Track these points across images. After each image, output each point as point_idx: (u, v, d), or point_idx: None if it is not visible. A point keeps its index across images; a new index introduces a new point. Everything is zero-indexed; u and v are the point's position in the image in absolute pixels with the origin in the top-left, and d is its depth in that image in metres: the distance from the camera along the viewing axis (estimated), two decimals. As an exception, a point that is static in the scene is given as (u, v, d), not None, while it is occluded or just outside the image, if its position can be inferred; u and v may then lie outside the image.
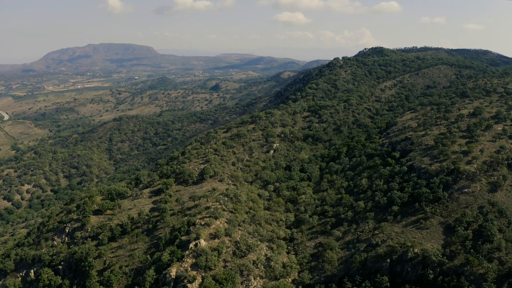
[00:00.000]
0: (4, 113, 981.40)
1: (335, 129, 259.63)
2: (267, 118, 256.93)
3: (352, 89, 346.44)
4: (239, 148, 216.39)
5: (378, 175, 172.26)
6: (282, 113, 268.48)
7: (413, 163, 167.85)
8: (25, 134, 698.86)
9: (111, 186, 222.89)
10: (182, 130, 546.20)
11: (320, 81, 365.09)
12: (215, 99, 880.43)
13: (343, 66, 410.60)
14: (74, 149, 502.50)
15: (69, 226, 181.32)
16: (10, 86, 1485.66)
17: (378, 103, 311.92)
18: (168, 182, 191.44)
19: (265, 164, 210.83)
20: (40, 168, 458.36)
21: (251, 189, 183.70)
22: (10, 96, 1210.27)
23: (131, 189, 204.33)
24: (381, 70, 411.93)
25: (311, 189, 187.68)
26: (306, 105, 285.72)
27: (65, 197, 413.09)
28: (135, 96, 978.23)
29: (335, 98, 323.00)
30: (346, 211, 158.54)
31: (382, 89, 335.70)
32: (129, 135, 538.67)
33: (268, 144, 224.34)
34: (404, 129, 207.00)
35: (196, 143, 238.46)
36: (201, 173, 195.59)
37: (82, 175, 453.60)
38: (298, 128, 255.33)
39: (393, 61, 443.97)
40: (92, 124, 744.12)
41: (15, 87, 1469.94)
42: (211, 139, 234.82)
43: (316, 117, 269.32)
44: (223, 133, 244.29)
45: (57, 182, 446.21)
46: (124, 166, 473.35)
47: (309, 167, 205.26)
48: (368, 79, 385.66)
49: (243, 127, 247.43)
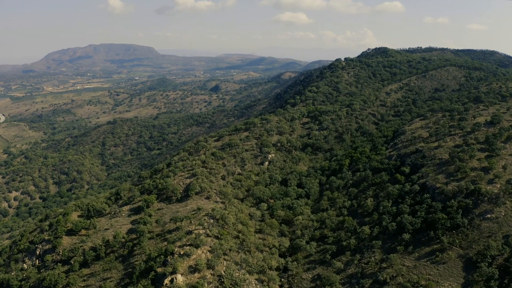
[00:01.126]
0: (0, 114, 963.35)
1: (336, 137, 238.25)
2: (263, 125, 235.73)
3: (355, 93, 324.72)
4: (230, 159, 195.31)
5: (385, 195, 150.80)
6: (279, 120, 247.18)
7: (426, 181, 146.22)
8: (19, 137, 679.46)
9: (90, 201, 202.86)
10: (178, 133, 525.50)
11: (320, 83, 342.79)
12: (215, 101, 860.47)
13: (346, 68, 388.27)
14: (65, 153, 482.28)
15: (40, 247, 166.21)
16: (9, 86, 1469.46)
17: (383, 107, 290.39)
18: (149, 200, 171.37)
19: (259, 177, 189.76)
20: (29, 174, 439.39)
21: (241, 208, 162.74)
22: (9, 97, 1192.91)
23: (110, 206, 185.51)
24: (386, 72, 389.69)
25: (309, 208, 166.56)
26: (305, 111, 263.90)
27: (53, 205, 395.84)
28: (133, 97, 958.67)
29: (336, 103, 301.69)
30: (348, 237, 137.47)
31: (388, 93, 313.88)
32: (123, 139, 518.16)
33: (263, 155, 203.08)
34: (413, 139, 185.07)
35: (184, 153, 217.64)
36: (186, 189, 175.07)
37: (72, 181, 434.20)
38: (296, 136, 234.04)
39: (398, 62, 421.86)
40: (88, 127, 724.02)
41: (14, 87, 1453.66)
42: (201, 149, 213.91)
43: (316, 124, 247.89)
44: (213, 142, 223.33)
45: (46, 189, 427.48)
46: (117, 172, 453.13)
47: (307, 181, 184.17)
48: (372, 82, 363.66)
49: (235, 135, 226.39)
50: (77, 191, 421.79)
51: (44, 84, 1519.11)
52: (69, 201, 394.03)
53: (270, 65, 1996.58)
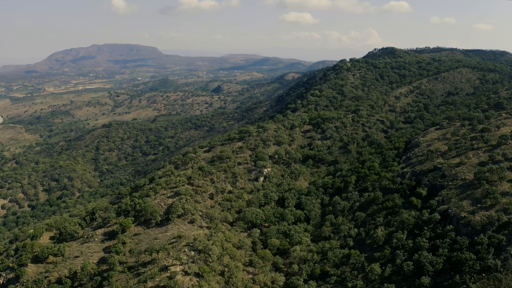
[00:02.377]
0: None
1: (341, 147, 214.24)
2: (259, 134, 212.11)
3: (361, 96, 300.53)
4: (220, 175, 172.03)
5: (399, 223, 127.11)
6: (277, 127, 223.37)
7: (448, 209, 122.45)
8: (14, 140, 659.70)
9: (63, 221, 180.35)
10: (175, 138, 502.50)
11: (324, 86, 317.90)
12: (216, 102, 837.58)
13: (351, 69, 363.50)
14: (57, 159, 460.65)
15: (3, 276, 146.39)
16: (10, 87, 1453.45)
17: (393, 113, 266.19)
18: (125, 223, 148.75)
19: (252, 196, 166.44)
20: (18, 181, 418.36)
21: (229, 236, 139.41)
22: (8, 98, 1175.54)
23: (84, 228, 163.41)
24: (394, 73, 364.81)
25: (308, 235, 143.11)
26: (307, 117, 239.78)
27: (42, 214, 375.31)
28: (133, 98, 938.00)
29: (341, 108, 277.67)
30: (355, 277, 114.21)
31: (397, 97, 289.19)
32: (118, 143, 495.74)
33: (258, 169, 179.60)
34: (430, 154, 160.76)
35: (170, 166, 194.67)
36: (168, 211, 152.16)
37: (63, 188, 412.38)
38: (296, 147, 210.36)
39: (407, 63, 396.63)
40: (86, 129, 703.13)
41: (15, 88, 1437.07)
42: (189, 161, 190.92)
43: (319, 132, 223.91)
44: (203, 153, 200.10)
45: (36, 197, 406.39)
46: (110, 178, 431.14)
47: (307, 201, 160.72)
48: (379, 84, 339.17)
49: (228, 146, 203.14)
50: (67, 199, 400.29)
51: (46, 85, 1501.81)
52: (57, 210, 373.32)
53: (274, 65, 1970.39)
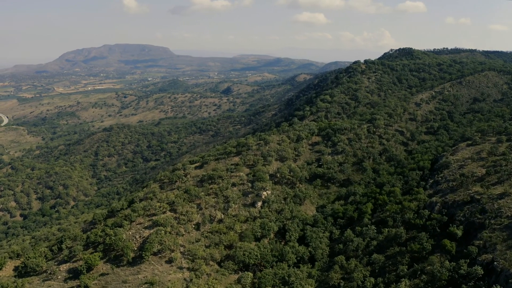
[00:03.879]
0: (4, 116, 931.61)
1: (355, 164, 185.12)
2: (259, 148, 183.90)
3: (377, 103, 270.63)
4: (210, 200, 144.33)
5: (428, 276, 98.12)
6: (280, 139, 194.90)
7: (494, 260, 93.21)
8: (15, 143, 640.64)
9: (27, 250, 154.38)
10: (178, 143, 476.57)
11: (336, 91, 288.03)
12: (224, 104, 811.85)
13: (366, 72, 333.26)
14: (53, 164, 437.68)
15: None
16: (20, 87, 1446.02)
17: (413, 122, 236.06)
18: (91, 260, 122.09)
19: (247, 226, 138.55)
20: (11, 188, 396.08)
21: (214, 282, 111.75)
22: (16, 98, 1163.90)
23: (49, 260, 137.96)
24: (413, 77, 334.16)
25: (313, 282, 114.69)
26: (315, 127, 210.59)
27: (33, 225, 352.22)
28: (140, 100, 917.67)
29: (355, 116, 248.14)
30: None
31: (418, 103, 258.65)
32: (118, 148, 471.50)
33: (255, 192, 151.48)
34: (464, 179, 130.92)
35: (155, 185, 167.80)
36: (142, 246, 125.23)
37: (57, 197, 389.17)
38: (302, 163, 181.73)
39: (427, 65, 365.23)
40: (90, 131, 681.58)
41: (24, 88, 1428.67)
42: (176, 179, 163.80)
43: (329, 146, 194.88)
44: (194, 170, 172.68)
45: (29, 205, 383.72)
46: (107, 186, 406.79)
47: (313, 235, 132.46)
48: (397, 89, 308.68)
49: (223, 162, 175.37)
50: (61, 209, 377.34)
51: (55, 85, 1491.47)
52: (49, 221, 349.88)
53: (286, 66, 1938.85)
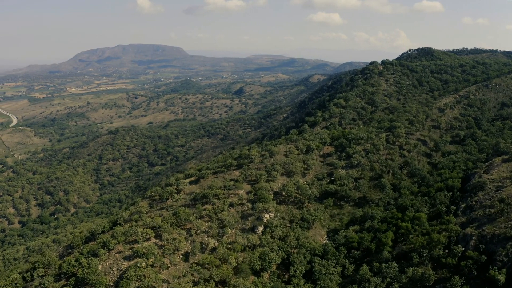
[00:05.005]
0: (14, 117, 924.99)
1: (372, 179, 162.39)
2: (263, 161, 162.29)
3: (396, 107, 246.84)
4: (202, 224, 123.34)
5: None
6: (288, 150, 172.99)
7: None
8: (22, 144, 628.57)
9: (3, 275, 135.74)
10: (186, 146, 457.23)
11: (350, 94, 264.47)
12: (236, 106, 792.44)
13: (383, 73, 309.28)
14: (55, 169, 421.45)
15: None
16: (32, 87, 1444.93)
17: (437, 130, 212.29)
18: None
19: (244, 256, 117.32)
20: (9, 193, 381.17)
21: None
22: (27, 98, 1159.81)
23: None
24: (435, 79, 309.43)
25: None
26: (328, 136, 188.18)
27: (30, 233, 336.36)
28: (151, 101, 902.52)
29: (372, 122, 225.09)
30: None
31: (441, 109, 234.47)
32: (123, 152, 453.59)
33: (256, 215, 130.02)
34: (504, 206, 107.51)
35: (143, 202, 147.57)
36: (118, 281, 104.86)
37: (57, 203, 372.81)
38: (311, 178, 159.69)
39: (449, 66, 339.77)
40: (99, 132, 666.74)
41: (37, 88, 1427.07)
42: (168, 197, 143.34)
43: (343, 158, 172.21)
44: (189, 185, 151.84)
45: (27, 212, 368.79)
46: (109, 193, 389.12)
47: (322, 270, 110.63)
48: (417, 92, 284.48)
49: (222, 176, 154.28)
50: (61, 216, 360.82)
51: (68, 85, 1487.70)
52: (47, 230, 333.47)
53: (300, 66, 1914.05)
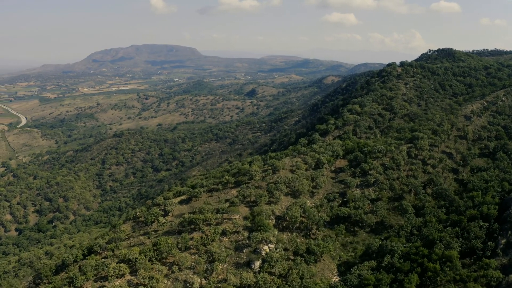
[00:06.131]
0: (23, 117, 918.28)
1: (391, 200, 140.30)
2: (265, 178, 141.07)
3: (417, 114, 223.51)
4: (187, 257, 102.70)
5: None
6: (295, 165, 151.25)
7: None
8: (27, 146, 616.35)
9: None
10: (192, 151, 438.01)
11: (366, 99, 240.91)
12: (248, 108, 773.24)
13: (402, 76, 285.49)
14: (56, 173, 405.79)
15: None
16: (44, 87, 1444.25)
17: (463, 141, 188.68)
18: None
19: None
20: (7, 199, 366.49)
21: None
22: (38, 98, 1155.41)
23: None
24: (458, 82, 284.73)
25: None
26: (340, 148, 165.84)
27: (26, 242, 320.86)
28: (161, 102, 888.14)
29: (390, 131, 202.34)
30: None
31: (467, 116, 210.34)
32: (127, 156, 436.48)
33: (253, 246, 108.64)
34: None
35: (127, 225, 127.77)
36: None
37: (56, 210, 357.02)
38: (321, 198, 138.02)
39: (473, 68, 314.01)
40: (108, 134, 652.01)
41: (49, 88, 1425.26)
42: (153, 220, 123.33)
43: (358, 175, 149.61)
44: (179, 205, 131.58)
45: (25, 219, 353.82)
46: (111, 199, 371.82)
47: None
48: (440, 97, 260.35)
49: (216, 196, 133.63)
50: (59, 223, 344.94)
51: (80, 85, 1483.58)
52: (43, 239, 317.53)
53: (315, 67, 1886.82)
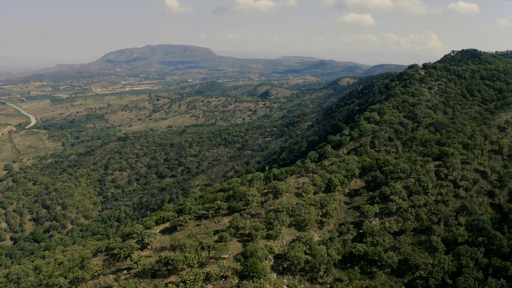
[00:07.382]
0: (33, 117, 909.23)
1: (417, 232, 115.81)
2: (263, 204, 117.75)
3: (444, 124, 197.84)
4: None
5: None
6: (300, 187, 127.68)
7: None
8: (33, 148, 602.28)
9: None
10: (199, 156, 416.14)
11: (386, 106, 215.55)
12: (260, 110, 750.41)
13: (426, 80, 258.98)
14: (56, 178, 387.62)
15: None
16: (57, 87, 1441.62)
17: (498, 157, 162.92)
18: None
19: None
20: (3, 206, 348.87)
21: None
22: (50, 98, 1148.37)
23: None
24: (487, 87, 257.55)
25: None
26: (355, 165, 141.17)
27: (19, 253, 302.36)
28: (173, 103, 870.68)
29: (413, 143, 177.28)
30: None
31: (501, 127, 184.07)
32: (131, 161, 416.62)
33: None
34: None
35: (98, 258, 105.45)
36: None
37: (53, 219, 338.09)
38: (332, 230, 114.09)
39: (502, 72, 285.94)
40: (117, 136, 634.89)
41: (62, 88, 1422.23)
42: (127, 254, 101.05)
43: (377, 200, 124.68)
44: (159, 235, 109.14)
45: (21, 227, 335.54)
46: (111, 207, 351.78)
47: None
48: (468, 104, 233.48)
49: (204, 225, 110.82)
50: (55, 233, 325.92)
51: (93, 85, 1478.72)
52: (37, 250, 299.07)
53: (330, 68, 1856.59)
